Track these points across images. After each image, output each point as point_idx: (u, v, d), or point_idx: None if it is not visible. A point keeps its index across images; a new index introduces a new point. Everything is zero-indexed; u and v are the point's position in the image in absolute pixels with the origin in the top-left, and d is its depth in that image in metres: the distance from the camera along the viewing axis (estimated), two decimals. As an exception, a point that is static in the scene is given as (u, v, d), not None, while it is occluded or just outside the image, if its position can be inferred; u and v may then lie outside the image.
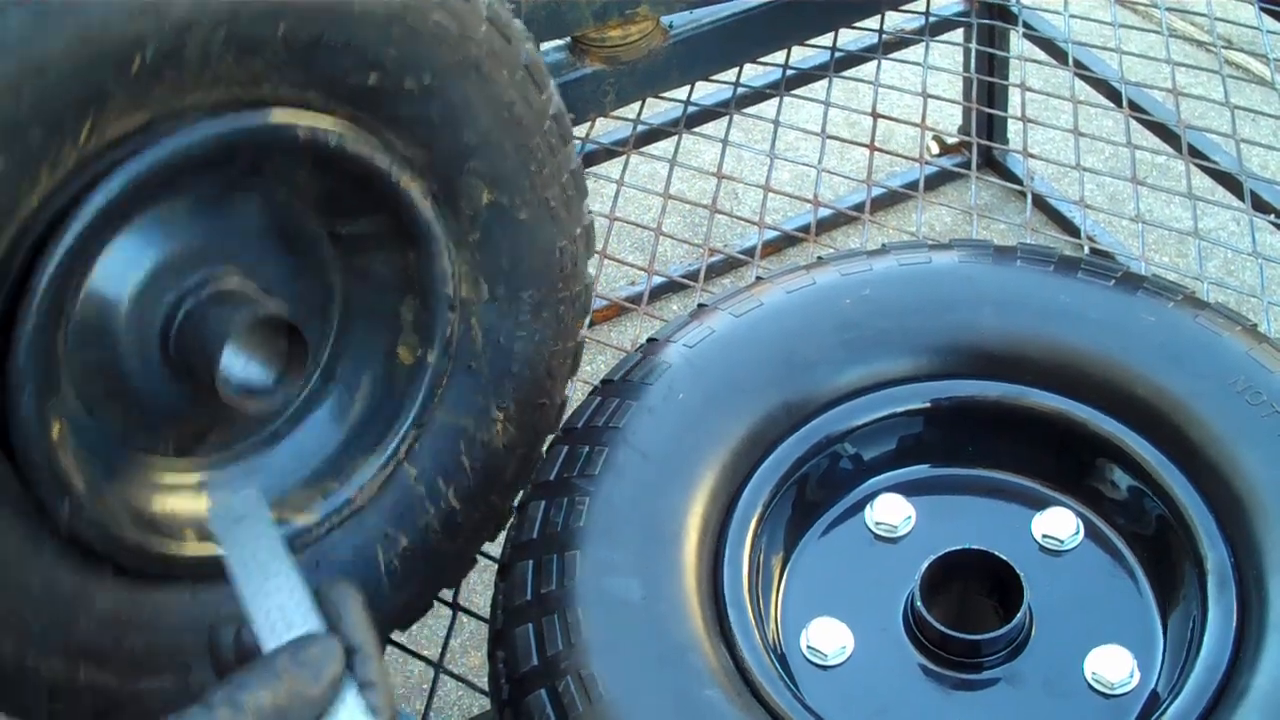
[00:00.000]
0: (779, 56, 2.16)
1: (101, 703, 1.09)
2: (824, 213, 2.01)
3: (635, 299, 2.53)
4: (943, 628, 1.18)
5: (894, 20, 2.29)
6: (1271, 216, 2.17)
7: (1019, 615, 1.18)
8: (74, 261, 1.01)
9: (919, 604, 1.19)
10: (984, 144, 2.69)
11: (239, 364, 1.11)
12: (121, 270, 1.10)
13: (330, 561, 1.19)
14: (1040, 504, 1.30)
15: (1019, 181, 2.88)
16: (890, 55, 2.23)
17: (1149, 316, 1.32)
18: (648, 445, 1.26)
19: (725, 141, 2.01)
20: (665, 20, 2.01)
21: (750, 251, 2.12)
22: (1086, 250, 1.90)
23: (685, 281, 2.18)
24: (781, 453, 1.29)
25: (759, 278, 1.47)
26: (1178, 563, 1.23)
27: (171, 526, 1.14)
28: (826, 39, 2.19)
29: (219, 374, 1.08)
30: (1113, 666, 1.17)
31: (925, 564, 1.21)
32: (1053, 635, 1.20)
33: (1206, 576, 1.19)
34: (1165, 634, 1.21)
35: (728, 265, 2.66)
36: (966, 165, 2.55)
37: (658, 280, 1.86)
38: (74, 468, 1.05)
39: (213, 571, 1.00)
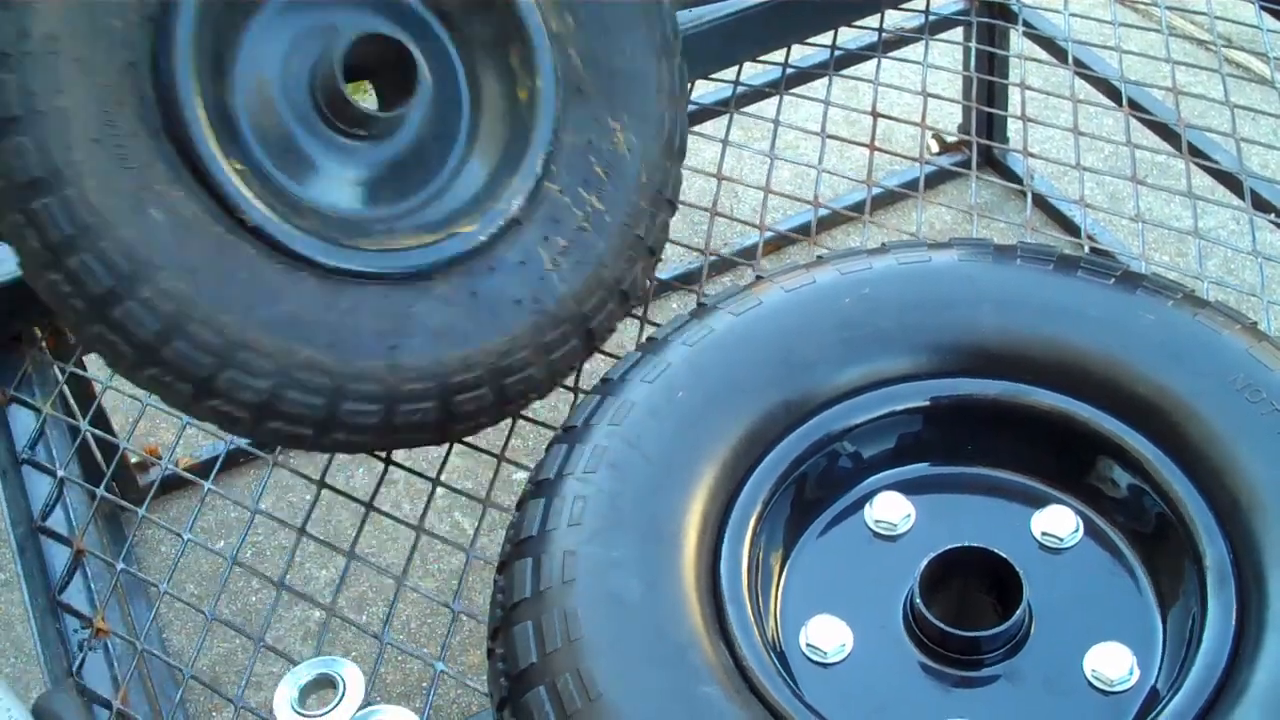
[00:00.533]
0: (779, 55, 2.16)
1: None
2: (823, 212, 2.01)
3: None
4: (942, 625, 1.18)
5: (894, 19, 2.29)
6: (1271, 215, 2.17)
7: (1018, 612, 1.18)
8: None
9: (918, 601, 1.19)
10: (984, 143, 2.69)
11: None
12: (273, 42, 1.42)
13: (503, 265, 1.41)
14: (1040, 502, 1.30)
15: (1019, 180, 2.88)
16: (890, 54, 2.23)
17: (1149, 315, 1.32)
18: (647, 444, 1.26)
19: (725, 141, 2.01)
20: (665, 19, 2.00)
21: (750, 251, 2.11)
22: (1086, 249, 1.89)
23: (685, 287, 2.18)
24: (781, 451, 1.29)
25: (759, 276, 1.47)
26: (1177, 560, 1.22)
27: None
28: (826, 38, 2.19)
29: (338, 76, 1.38)
30: (1112, 663, 1.17)
31: (924, 562, 1.21)
32: (1052, 633, 1.20)
33: (1206, 574, 1.19)
34: (1165, 631, 1.21)
35: (727, 264, 2.66)
36: (966, 164, 2.55)
37: (657, 281, 1.85)
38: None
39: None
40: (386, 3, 1.45)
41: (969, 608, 1.24)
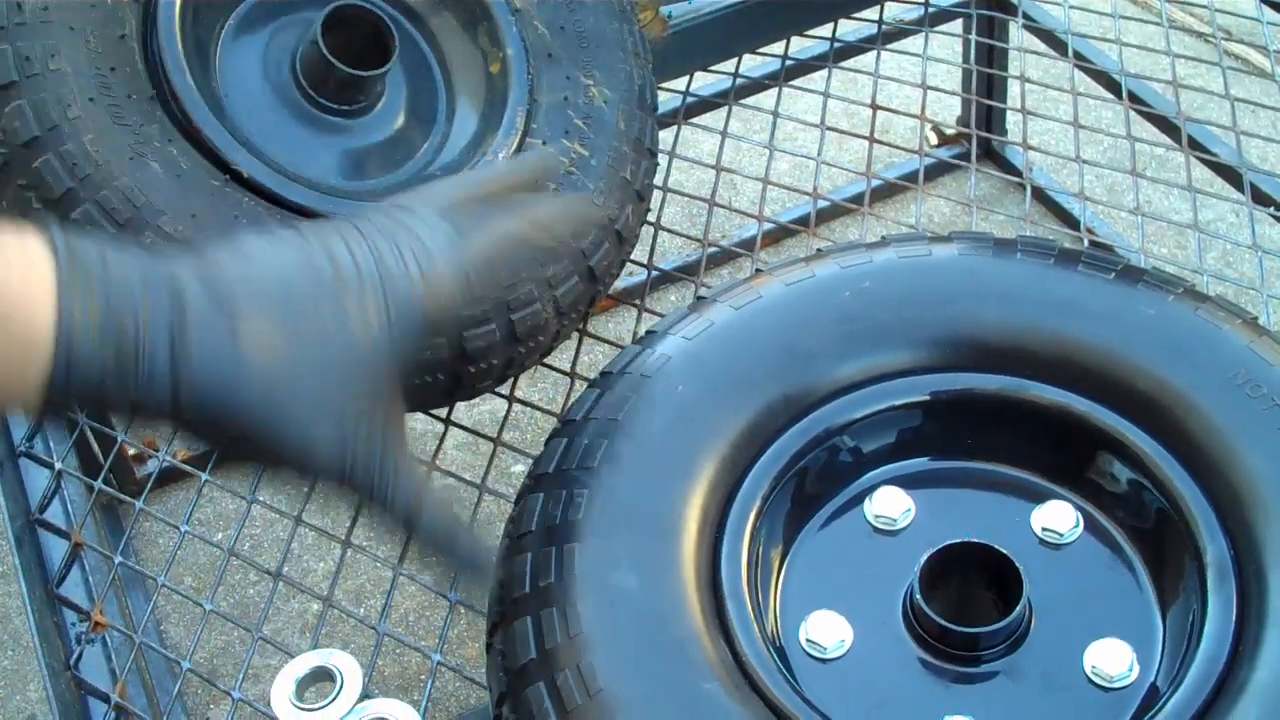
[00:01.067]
0: (778, 47, 2.15)
1: None
2: (822, 204, 2.00)
3: (633, 291, 2.52)
4: (942, 621, 1.18)
5: (893, 11, 2.29)
6: (1271, 209, 2.16)
7: (1018, 609, 1.18)
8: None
9: (918, 597, 1.19)
10: (983, 135, 2.69)
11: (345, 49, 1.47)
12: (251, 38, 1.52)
13: None
14: (1040, 497, 1.30)
15: (1018, 173, 2.88)
16: (889, 46, 2.23)
17: (1149, 309, 1.31)
18: (646, 438, 1.26)
19: (724, 133, 2.01)
20: (664, 10, 2.00)
21: (749, 243, 2.11)
22: (1086, 242, 1.89)
23: (683, 276, 2.17)
24: (780, 445, 1.29)
25: (758, 270, 1.47)
26: (1177, 556, 1.22)
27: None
28: (825, 30, 2.19)
29: (323, 45, 1.44)
30: (1112, 660, 1.17)
31: (924, 557, 1.20)
32: (1052, 628, 1.20)
33: (1206, 570, 1.18)
34: (1165, 627, 1.21)
35: (726, 257, 2.65)
36: (966, 157, 2.55)
37: (656, 272, 1.85)
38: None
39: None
40: (353, 4, 1.51)
41: (969, 603, 1.23)
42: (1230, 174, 2.17)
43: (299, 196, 1.41)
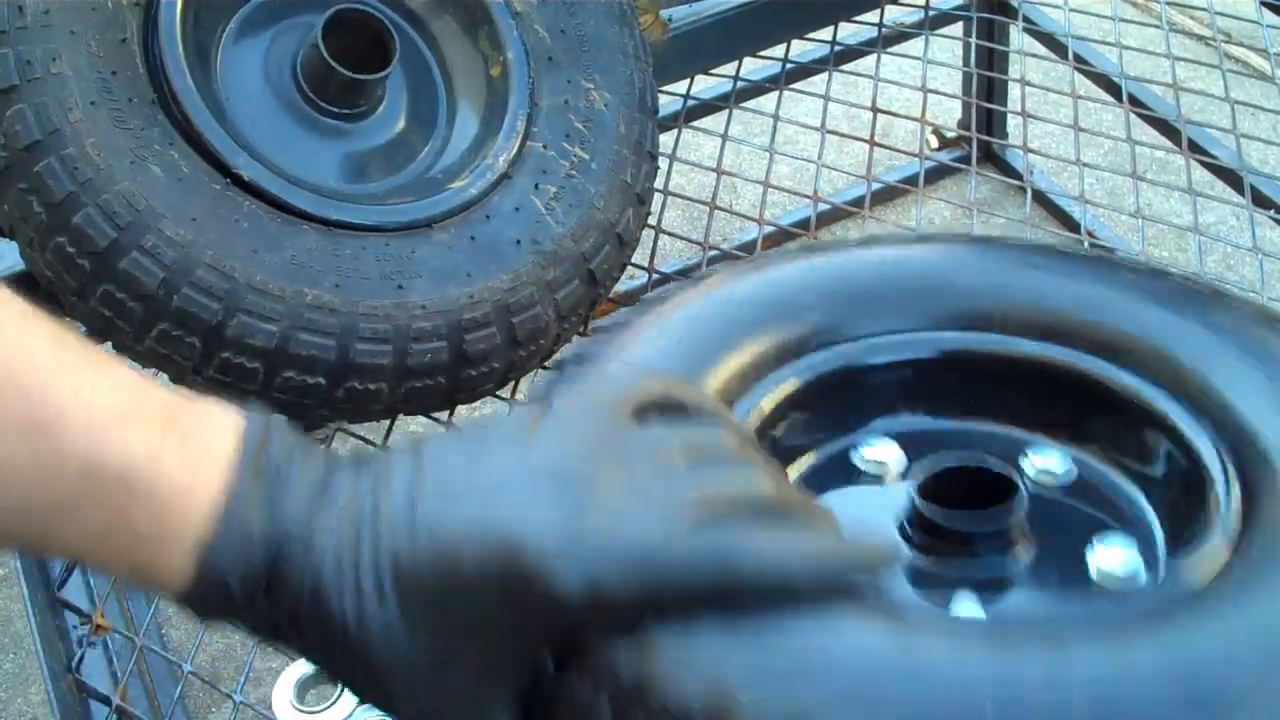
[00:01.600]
0: (779, 50, 2.15)
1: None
2: (823, 207, 2.00)
3: (634, 294, 2.52)
4: (938, 517, 1.11)
5: (894, 14, 2.29)
6: (1272, 212, 2.17)
7: (1016, 495, 1.12)
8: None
9: (917, 501, 1.13)
10: (983, 138, 2.69)
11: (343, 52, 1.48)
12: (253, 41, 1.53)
13: (498, 213, 1.49)
14: (1034, 446, 1.26)
15: (1019, 176, 2.89)
16: (890, 49, 2.23)
17: (1132, 274, 1.28)
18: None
19: (725, 136, 2.01)
20: (665, 13, 2.00)
21: (750, 246, 2.11)
22: (1087, 244, 1.89)
23: (684, 279, 2.17)
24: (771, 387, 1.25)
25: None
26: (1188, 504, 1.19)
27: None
28: (826, 33, 2.19)
29: (323, 48, 1.46)
30: (1116, 560, 1.13)
31: (921, 476, 1.14)
32: (1053, 533, 1.16)
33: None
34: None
35: (726, 260, 2.65)
36: (966, 160, 2.55)
37: (656, 275, 1.85)
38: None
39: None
40: (354, 8, 1.52)
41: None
42: (1231, 177, 2.17)
43: (300, 200, 1.42)
